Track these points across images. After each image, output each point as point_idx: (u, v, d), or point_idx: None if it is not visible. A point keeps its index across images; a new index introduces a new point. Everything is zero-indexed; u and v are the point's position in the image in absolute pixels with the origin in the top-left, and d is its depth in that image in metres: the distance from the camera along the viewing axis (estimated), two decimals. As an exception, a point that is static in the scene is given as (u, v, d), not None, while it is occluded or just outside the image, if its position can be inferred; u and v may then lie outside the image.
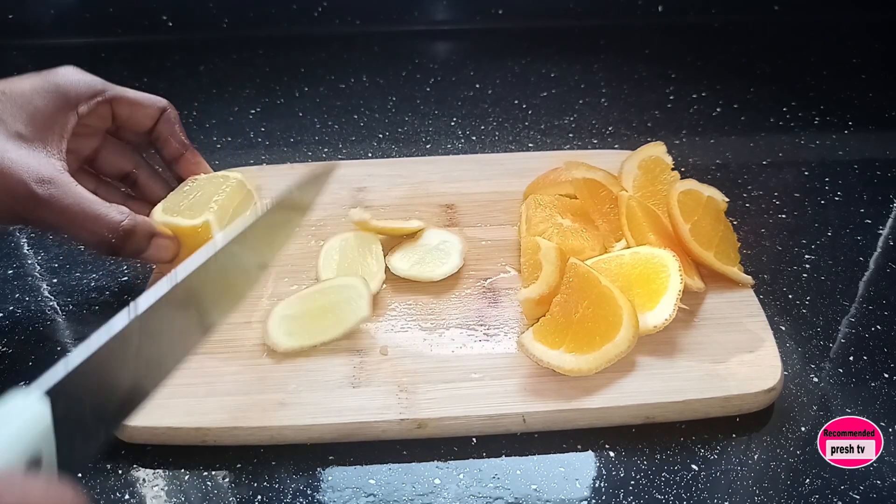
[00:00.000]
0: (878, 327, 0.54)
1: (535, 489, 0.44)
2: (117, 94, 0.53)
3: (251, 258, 0.43)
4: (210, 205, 0.54)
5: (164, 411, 0.45)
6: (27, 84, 0.49)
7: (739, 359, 0.48)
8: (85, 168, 0.56)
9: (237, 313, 0.53)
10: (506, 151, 0.72)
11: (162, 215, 0.53)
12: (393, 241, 0.58)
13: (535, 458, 0.45)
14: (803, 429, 0.47)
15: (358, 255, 0.56)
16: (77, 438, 0.34)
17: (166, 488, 0.44)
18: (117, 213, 0.49)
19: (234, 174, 0.57)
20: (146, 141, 0.57)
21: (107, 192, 0.55)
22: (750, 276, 0.54)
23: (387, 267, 0.56)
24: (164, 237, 0.51)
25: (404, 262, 0.56)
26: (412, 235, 0.58)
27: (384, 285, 0.55)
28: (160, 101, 0.55)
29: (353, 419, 0.45)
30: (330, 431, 0.45)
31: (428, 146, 0.74)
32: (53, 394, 0.31)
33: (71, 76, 0.51)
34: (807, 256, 0.60)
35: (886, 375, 0.50)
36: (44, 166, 0.47)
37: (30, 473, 0.30)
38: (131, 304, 0.34)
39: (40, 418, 0.31)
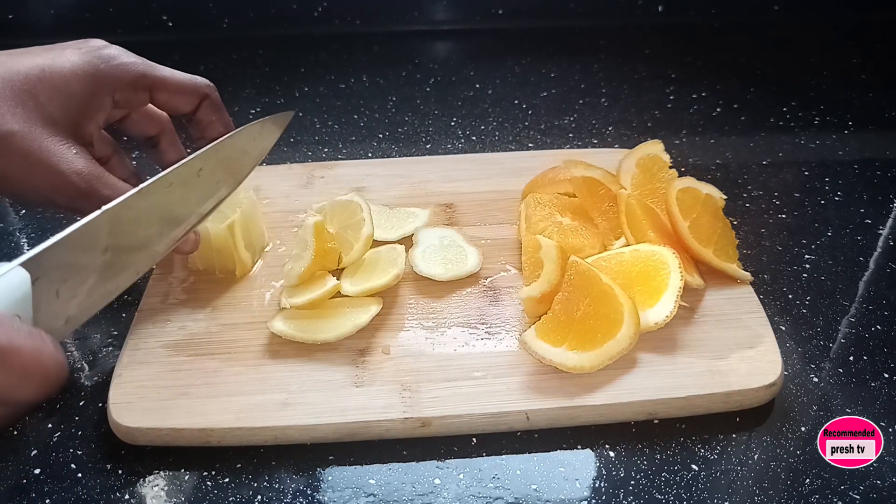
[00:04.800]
0: (878, 327, 0.54)
1: (535, 489, 0.44)
2: (157, 79, 0.50)
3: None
4: (233, 213, 0.55)
5: (167, 413, 0.45)
6: (67, 64, 0.47)
7: (740, 354, 0.48)
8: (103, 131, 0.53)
9: (238, 313, 0.53)
10: (505, 151, 0.72)
11: None
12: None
13: (535, 458, 0.45)
14: (803, 429, 0.47)
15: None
16: (51, 310, 0.39)
17: (166, 489, 0.44)
18: None
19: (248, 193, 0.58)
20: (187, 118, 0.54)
21: (120, 160, 0.53)
22: (748, 273, 0.54)
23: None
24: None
25: (436, 266, 0.55)
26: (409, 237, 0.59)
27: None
28: (202, 88, 0.52)
29: (357, 418, 0.45)
30: (334, 431, 0.45)
31: (428, 146, 0.74)
32: (31, 266, 0.37)
33: (112, 59, 0.48)
34: (807, 256, 0.60)
35: (886, 375, 0.50)
36: (77, 157, 0.45)
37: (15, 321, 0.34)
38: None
39: (19, 284, 0.36)
